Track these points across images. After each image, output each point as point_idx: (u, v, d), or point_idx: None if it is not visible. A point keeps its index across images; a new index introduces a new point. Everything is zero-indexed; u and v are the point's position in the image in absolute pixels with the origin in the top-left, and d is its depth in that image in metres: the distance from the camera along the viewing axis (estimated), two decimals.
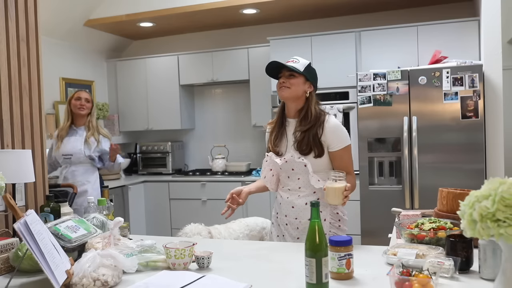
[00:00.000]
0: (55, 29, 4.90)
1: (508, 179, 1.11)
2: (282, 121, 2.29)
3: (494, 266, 1.44)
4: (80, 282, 1.50)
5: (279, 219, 2.31)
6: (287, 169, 2.23)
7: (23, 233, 1.45)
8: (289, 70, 2.21)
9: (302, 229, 2.20)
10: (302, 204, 2.21)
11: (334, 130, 2.17)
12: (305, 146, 2.15)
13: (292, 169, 2.21)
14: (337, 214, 2.23)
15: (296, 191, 2.23)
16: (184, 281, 1.55)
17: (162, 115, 5.63)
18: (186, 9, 4.79)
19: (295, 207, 2.23)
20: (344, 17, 5.18)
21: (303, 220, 2.21)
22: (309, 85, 2.22)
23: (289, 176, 2.25)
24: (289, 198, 2.25)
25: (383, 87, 3.91)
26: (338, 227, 2.23)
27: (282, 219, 2.28)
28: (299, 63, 2.23)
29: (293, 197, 2.23)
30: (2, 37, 2.35)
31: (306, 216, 2.19)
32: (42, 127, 2.58)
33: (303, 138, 2.16)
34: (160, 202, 5.39)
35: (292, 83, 2.19)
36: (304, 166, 2.16)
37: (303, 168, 2.17)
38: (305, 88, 2.21)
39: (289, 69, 2.20)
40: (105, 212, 2.14)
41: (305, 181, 2.20)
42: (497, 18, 3.75)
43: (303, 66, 2.22)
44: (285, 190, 2.27)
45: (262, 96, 5.12)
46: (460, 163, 3.78)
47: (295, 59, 2.26)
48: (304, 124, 2.19)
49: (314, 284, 1.40)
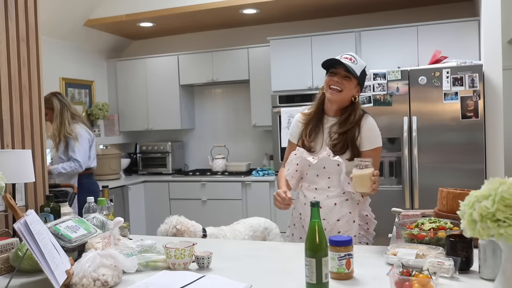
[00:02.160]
0: (55, 29, 4.90)
1: (508, 179, 1.11)
2: (320, 116, 2.19)
3: (494, 266, 1.44)
4: (80, 282, 1.50)
5: (303, 220, 2.21)
6: (318, 167, 2.13)
7: (23, 233, 1.45)
8: (346, 70, 2.08)
9: (329, 231, 2.11)
10: (330, 205, 2.13)
11: (369, 130, 2.13)
12: (341, 147, 2.10)
13: (324, 167, 2.12)
14: (366, 216, 2.18)
15: (325, 191, 2.14)
16: (184, 281, 1.55)
17: (162, 115, 5.63)
18: (186, 9, 4.78)
19: (323, 208, 2.08)
20: (344, 17, 5.18)
21: (331, 221, 2.12)
22: (358, 89, 2.14)
23: (318, 175, 2.15)
24: (316, 198, 2.13)
25: (383, 87, 3.91)
26: (366, 230, 2.18)
27: (307, 220, 2.13)
28: (357, 65, 2.10)
29: (320, 197, 2.13)
30: (2, 37, 2.35)
31: (334, 217, 2.12)
32: (42, 127, 2.57)
33: (340, 139, 2.10)
34: (160, 202, 5.39)
35: (345, 86, 2.09)
36: (337, 165, 2.08)
37: (336, 167, 2.09)
38: (354, 92, 2.13)
39: (346, 69, 2.07)
40: (105, 212, 2.14)
41: (335, 180, 2.12)
42: (497, 18, 3.75)
43: (360, 69, 2.11)
44: (311, 189, 2.17)
45: (262, 96, 5.12)
46: (460, 163, 3.78)
47: (352, 58, 2.12)
48: (344, 125, 2.12)
49: (314, 284, 1.40)
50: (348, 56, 2.11)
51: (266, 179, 4.94)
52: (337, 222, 2.12)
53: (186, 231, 2.59)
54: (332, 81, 2.09)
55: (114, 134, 5.79)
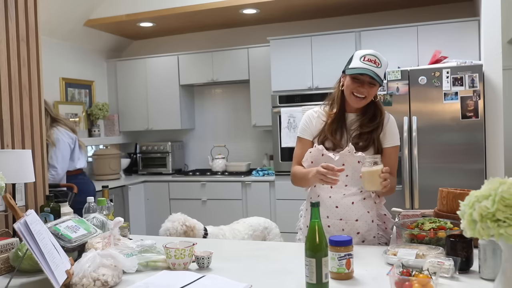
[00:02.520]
0: (55, 29, 4.90)
1: (508, 179, 1.11)
2: (342, 114, 2.13)
3: (494, 266, 1.44)
4: (80, 282, 1.50)
5: None
6: (337, 164, 2.02)
7: (23, 233, 1.45)
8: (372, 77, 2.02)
9: (347, 231, 2.03)
10: (348, 204, 2.05)
11: (392, 127, 2.12)
12: (365, 143, 2.06)
13: (343, 164, 2.02)
14: (384, 215, 2.13)
15: (342, 189, 2.06)
16: (184, 281, 1.55)
17: (162, 115, 5.63)
18: (186, 9, 4.79)
19: (339, 207, 2.05)
20: (344, 17, 5.18)
21: (349, 221, 2.05)
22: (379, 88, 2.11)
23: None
24: (332, 197, 2.06)
25: (383, 87, 3.91)
26: (384, 229, 2.12)
27: (323, 220, 2.01)
28: (381, 68, 2.04)
29: (337, 196, 2.06)
30: (2, 37, 2.35)
31: (352, 217, 2.04)
32: (42, 127, 2.58)
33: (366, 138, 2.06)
34: (160, 202, 5.39)
35: (370, 92, 2.05)
36: (357, 162, 2.01)
37: (356, 164, 2.02)
38: (376, 92, 2.10)
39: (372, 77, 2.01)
40: (105, 212, 2.14)
41: (353, 178, 2.04)
42: (497, 18, 3.75)
43: (384, 70, 2.06)
44: (327, 188, 2.08)
45: (262, 96, 5.12)
46: (460, 163, 3.78)
47: (377, 60, 2.04)
48: (368, 126, 2.08)
49: (314, 284, 1.40)
50: (372, 58, 2.04)
51: (266, 179, 4.94)
52: (355, 222, 2.05)
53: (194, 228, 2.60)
54: (357, 89, 2.05)
55: (114, 134, 5.79)
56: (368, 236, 2.06)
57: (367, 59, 2.04)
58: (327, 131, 2.11)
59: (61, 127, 3.79)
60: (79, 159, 3.93)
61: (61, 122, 3.84)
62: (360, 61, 2.05)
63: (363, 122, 2.10)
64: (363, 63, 2.03)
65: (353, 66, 2.06)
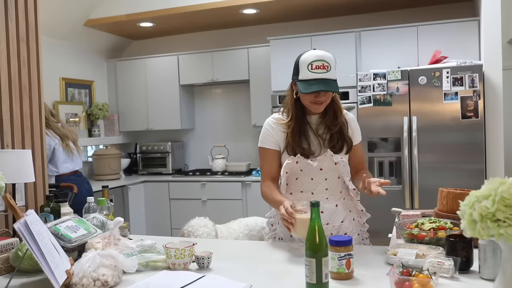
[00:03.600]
0: (55, 29, 4.90)
1: (508, 179, 1.11)
2: (302, 119, 2.04)
3: (494, 266, 1.44)
4: (80, 282, 1.50)
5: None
6: (314, 170, 2.00)
7: (23, 233, 1.45)
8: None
9: (336, 234, 2.00)
10: (332, 207, 2.03)
11: (355, 123, 2.11)
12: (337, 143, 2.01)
13: (321, 169, 2.00)
14: (362, 211, 2.13)
15: (323, 194, 2.02)
16: (184, 281, 1.55)
17: (162, 115, 5.63)
18: (186, 9, 4.79)
19: (325, 212, 2.00)
20: (344, 17, 5.18)
21: (336, 224, 2.03)
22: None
23: (313, 178, 2.02)
24: None
25: (383, 87, 3.91)
26: (362, 224, 2.13)
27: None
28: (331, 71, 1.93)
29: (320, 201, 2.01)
30: (2, 37, 2.35)
31: (338, 219, 2.04)
32: (42, 127, 2.58)
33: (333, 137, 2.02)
34: (160, 202, 5.39)
35: (328, 96, 1.97)
36: (334, 164, 1.99)
37: (333, 167, 2.00)
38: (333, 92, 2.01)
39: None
40: (105, 212, 2.14)
41: (332, 181, 2.03)
42: (497, 18, 3.75)
43: (335, 71, 1.96)
44: (307, 195, 2.02)
45: (262, 96, 5.12)
46: (460, 163, 3.78)
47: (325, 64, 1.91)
48: (333, 125, 2.02)
49: (314, 284, 1.40)
50: (320, 64, 1.90)
51: None
52: (341, 224, 2.06)
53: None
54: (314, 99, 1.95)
55: (114, 134, 5.79)
56: (353, 235, 2.07)
57: (314, 67, 1.90)
58: (291, 141, 2.00)
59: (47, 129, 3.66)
60: (65, 162, 3.87)
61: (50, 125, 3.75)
62: (308, 70, 1.91)
63: (328, 122, 2.03)
64: (312, 72, 1.90)
65: (303, 77, 1.93)
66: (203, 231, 2.69)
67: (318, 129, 2.05)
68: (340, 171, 2.04)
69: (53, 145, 3.80)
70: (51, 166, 3.79)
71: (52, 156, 3.81)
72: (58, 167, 3.84)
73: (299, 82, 1.95)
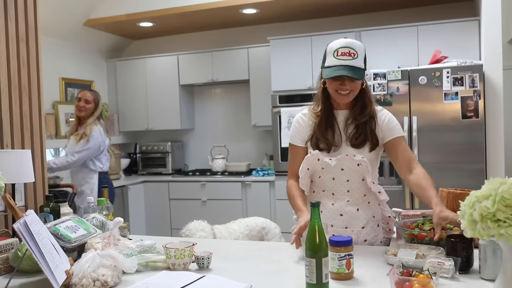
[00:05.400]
0: (55, 29, 4.90)
1: (508, 179, 1.11)
2: (329, 112, 1.97)
3: (494, 266, 1.44)
4: (80, 282, 1.49)
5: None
6: (334, 170, 1.93)
7: (23, 233, 1.45)
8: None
9: (354, 240, 1.80)
10: (353, 211, 1.95)
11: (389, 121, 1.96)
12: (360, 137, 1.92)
13: (342, 169, 1.92)
14: (389, 217, 2.00)
15: (344, 196, 1.96)
16: (184, 281, 1.55)
17: (162, 115, 5.63)
18: (186, 9, 4.78)
19: (344, 215, 1.94)
20: (344, 17, 5.18)
21: (356, 229, 1.95)
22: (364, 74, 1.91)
23: (334, 178, 1.95)
24: (334, 205, 1.96)
25: (383, 87, 3.91)
26: (388, 231, 2.02)
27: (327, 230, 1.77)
28: (358, 58, 1.85)
29: (340, 203, 1.96)
30: (2, 37, 2.35)
31: (359, 224, 1.95)
32: (42, 127, 2.57)
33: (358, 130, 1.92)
34: (160, 202, 5.39)
35: (354, 86, 1.88)
36: (357, 165, 1.90)
37: (355, 168, 1.91)
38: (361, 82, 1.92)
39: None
40: (105, 212, 2.14)
41: (355, 183, 1.95)
42: (497, 18, 3.75)
43: (363, 59, 1.88)
44: (328, 195, 1.97)
45: (262, 96, 5.12)
46: (460, 163, 3.78)
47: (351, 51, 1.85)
48: (361, 116, 1.93)
49: (314, 285, 1.40)
50: (346, 51, 1.86)
51: (266, 179, 4.94)
52: (362, 229, 1.97)
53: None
54: (339, 87, 1.89)
55: (114, 134, 5.79)
56: (375, 242, 2.00)
57: (340, 53, 1.87)
58: (317, 131, 1.97)
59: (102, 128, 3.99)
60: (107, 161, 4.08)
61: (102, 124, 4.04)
62: (334, 57, 1.88)
63: (355, 113, 1.95)
64: (338, 59, 1.86)
65: (328, 64, 1.90)
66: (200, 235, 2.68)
67: (344, 122, 1.97)
68: (363, 173, 1.93)
69: (106, 143, 4.03)
70: (97, 162, 3.96)
71: (103, 153, 3.99)
72: (103, 164, 4.02)
73: (325, 68, 1.92)
